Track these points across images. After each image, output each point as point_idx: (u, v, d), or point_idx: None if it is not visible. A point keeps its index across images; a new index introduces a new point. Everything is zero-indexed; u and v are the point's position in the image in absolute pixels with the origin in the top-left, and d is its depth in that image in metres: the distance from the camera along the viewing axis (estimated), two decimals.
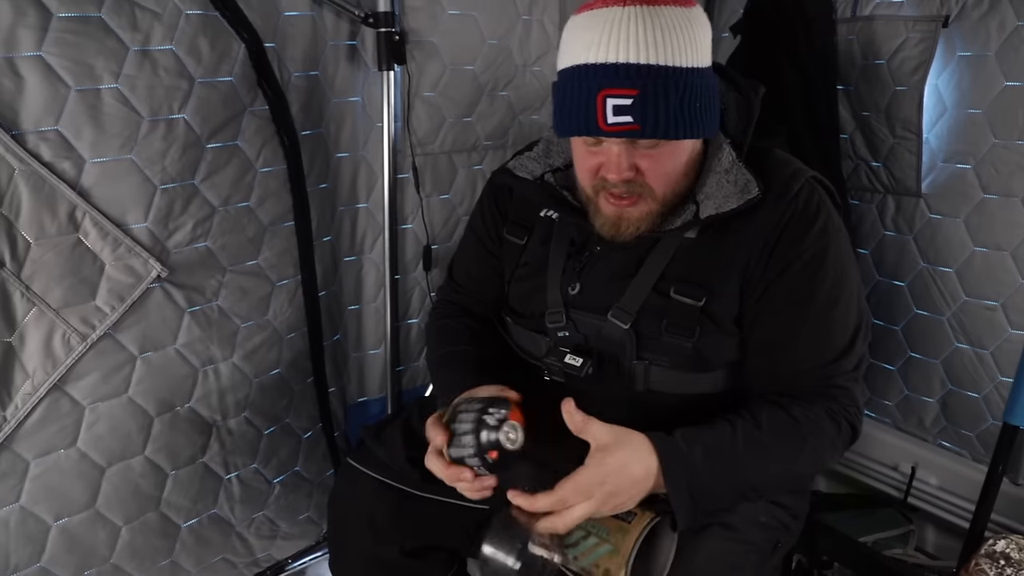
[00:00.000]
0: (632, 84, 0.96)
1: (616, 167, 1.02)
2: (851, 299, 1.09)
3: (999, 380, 1.71)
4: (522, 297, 1.26)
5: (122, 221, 1.30)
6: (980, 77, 1.61)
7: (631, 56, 0.96)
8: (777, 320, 1.08)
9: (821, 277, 1.07)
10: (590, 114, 0.98)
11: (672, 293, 1.10)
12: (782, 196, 1.07)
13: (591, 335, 1.16)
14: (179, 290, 1.40)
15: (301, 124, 1.53)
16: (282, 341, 1.60)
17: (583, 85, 0.98)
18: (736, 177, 1.07)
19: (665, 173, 1.05)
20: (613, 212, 1.08)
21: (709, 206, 1.08)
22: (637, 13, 0.97)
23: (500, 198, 1.32)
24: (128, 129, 1.27)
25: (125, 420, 1.38)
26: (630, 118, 0.97)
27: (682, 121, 0.99)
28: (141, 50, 1.25)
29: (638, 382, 1.14)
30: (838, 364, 1.07)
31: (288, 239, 1.57)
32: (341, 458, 1.80)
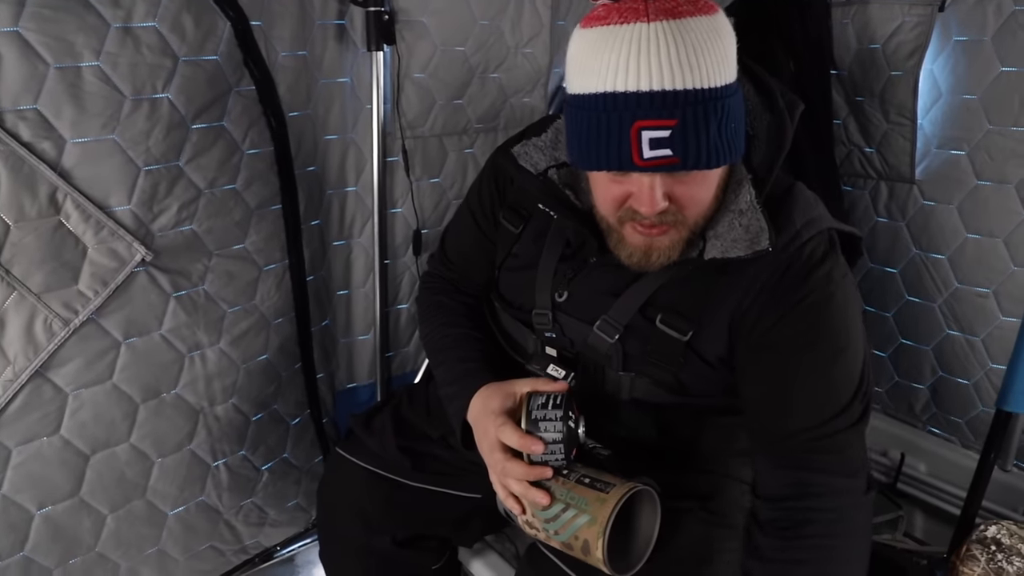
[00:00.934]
0: (670, 114, 0.86)
1: (650, 201, 0.92)
2: (857, 349, 1.02)
3: (990, 367, 1.72)
4: (511, 288, 1.24)
5: (105, 203, 1.26)
6: (976, 62, 1.60)
7: (666, 82, 0.85)
8: (775, 370, 1.03)
9: (826, 325, 1.00)
10: (623, 149, 0.87)
11: (658, 322, 1.06)
12: (789, 244, 1.00)
13: (577, 341, 1.14)
14: (164, 274, 1.37)
15: (288, 105, 1.49)
16: (269, 326, 1.58)
17: (612, 116, 0.87)
18: (750, 222, 0.98)
19: (700, 200, 0.96)
20: (642, 242, 0.99)
21: (715, 247, 0.99)
22: (665, 30, 0.85)
23: (500, 179, 1.25)
24: (110, 108, 1.23)
25: (109, 407, 1.35)
26: (669, 151, 0.87)
27: (722, 147, 0.89)
28: (123, 27, 1.21)
29: (623, 391, 1.12)
30: (838, 420, 1.00)
31: (275, 223, 1.53)
32: (330, 445, 1.78)
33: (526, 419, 1.00)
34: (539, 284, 1.16)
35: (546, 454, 0.99)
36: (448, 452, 1.28)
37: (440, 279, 1.39)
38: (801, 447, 1.02)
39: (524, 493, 1.01)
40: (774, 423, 1.04)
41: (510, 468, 1.02)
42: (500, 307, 1.27)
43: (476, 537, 1.46)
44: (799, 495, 1.01)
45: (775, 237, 0.96)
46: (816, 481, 1.00)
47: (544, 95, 1.88)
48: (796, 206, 1.02)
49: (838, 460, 1.01)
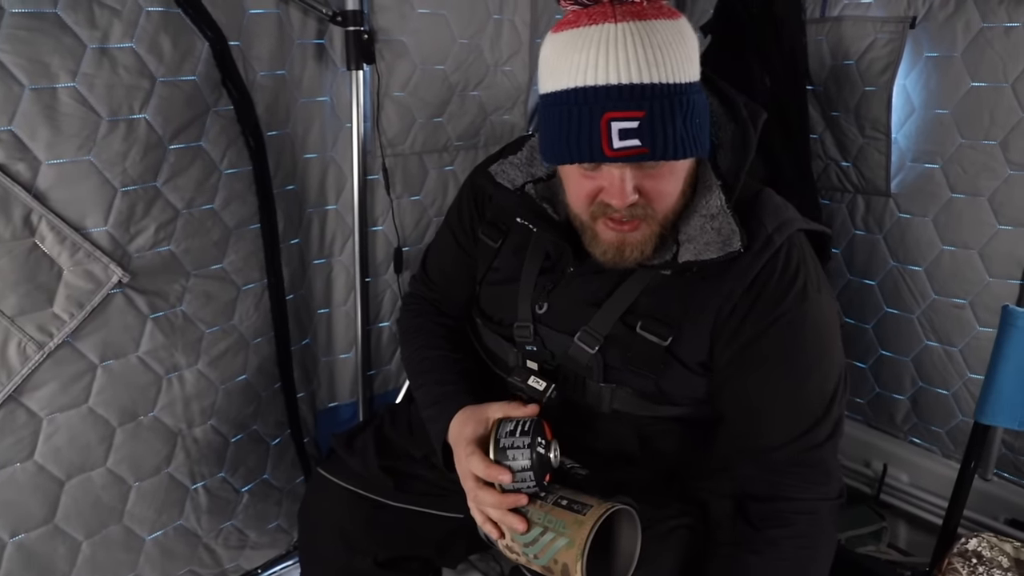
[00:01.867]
0: (638, 106, 0.90)
1: (620, 193, 0.95)
2: (831, 364, 1.05)
3: (968, 377, 1.73)
4: (492, 302, 1.24)
5: (81, 225, 1.25)
6: (947, 78, 1.63)
7: (634, 76, 0.90)
8: (750, 386, 1.05)
9: (799, 343, 1.03)
10: (594, 140, 0.91)
11: (638, 328, 1.07)
12: (763, 251, 1.02)
13: (558, 353, 1.14)
14: (141, 296, 1.36)
15: (267, 124, 1.49)
16: (248, 346, 1.57)
17: (582, 110, 0.91)
18: (721, 225, 1.01)
19: (668, 194, 1.00)
20: (615, 238, 1.01)
21: (689, 250, 1.02)
22: (632, 30, 0.91)
23: (479, 197, 1.28)
24: (86, 129, 1.22)
25: (85, 431, 1.33)
26: (637, 141, 0.91)
27: (688, 140, 0.93)
28: (100, 48, 1.21)
29: (603, 403, 1.12)
30: (812, 434, 1.03)
31: (254, 242, 1.53)
32: (311, 465, 1.76)
33: (494, 448, 0.99)
34: (520, 296, 1.16)
35: (516, 482, 0.98)
36: (431, 472, 1.27)
37: (421, 300, 1.39)
38: (778, 458, 1.04)
39: (501, 519, 1.01)
40: (751, 437, 1.07)
41: (483, 497, 1.01)
42: (482, 323, 1.27)
43: (460, 558, 1.45)
44: (782, 498, 1.03)
45: (746, 239, 1.00)
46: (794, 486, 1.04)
47: (524, 112, 1.89)
48: (765, 210, 1.05)
49: (813, 471, 1.04)
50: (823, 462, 1.05)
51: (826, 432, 1.04)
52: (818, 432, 1.04)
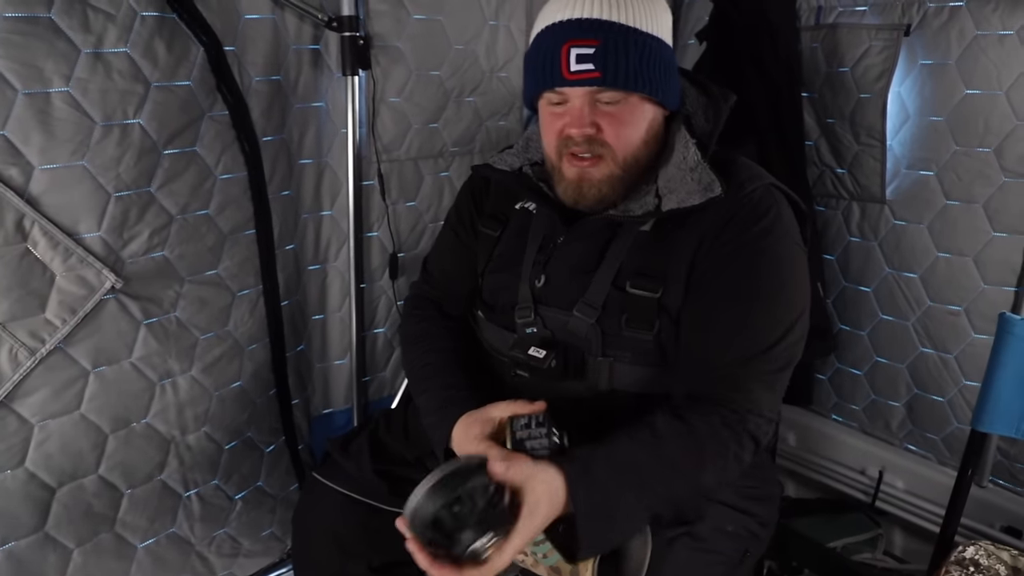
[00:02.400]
0: (595, 35, 1.02)
1: (578, 121, 1.06)
2: (785, 302, 1.07)
3: (963, 384, 1.73)
4: (494, 290, 1.26)
5: (74, 230, 1.24)
6: (941, 85, 1.64)
7: (594, 12, 1.03)
8: (700, 307, 1.08)
9: (755, 270, 1.07)
10: (555, 66, 1.04)
11: (628, 287, 1.10)
12: (737, 194, 1.09)
13: (558, 331, 1.16)
14: (135, 301, 1.35)
15: (262, 130, 1.49)
16: (243, 353, 1.56)
17: (549, 42, 1.05)
18: (701, 176, 1.09)
19: (625, 134, 1.08)
20: (575, 174, 1.10)
21: (672, 200, 1.09)
22: None
23: (477, 192, 1.34)
24: (80, 134, 1.22)
25: (77, 438, 1.32)
26: (591, 66, 1.02)
27: (642, 76, 1.04)
28: (94, 52, 1.21)
29: (602, 380, 1.13)
30: (754, 363, 1.04)
31: (249, 248, 1.52)
32: (305, 472, 1.75)
33: (511, 440, 0.99)
34: (522, 275, 1.19)
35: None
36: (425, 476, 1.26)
37: (424, 301, 1.40)
38: (713, 378, 1.05)
39: None
40: (693, 356, 1.08)
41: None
42: (483, 315, 1.27)
43: None
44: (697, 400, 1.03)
45: (725, 186, 1.07)
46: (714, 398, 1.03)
47: (519, 118, 1.90)
48: (740, 167, 1.13)
49: (740, 397, 1.03)
50: (758, 391, 1.04)
51: (767, 367, 1.05)
52: (759, 364, 1.04)
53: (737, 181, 1.10)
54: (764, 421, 1.04)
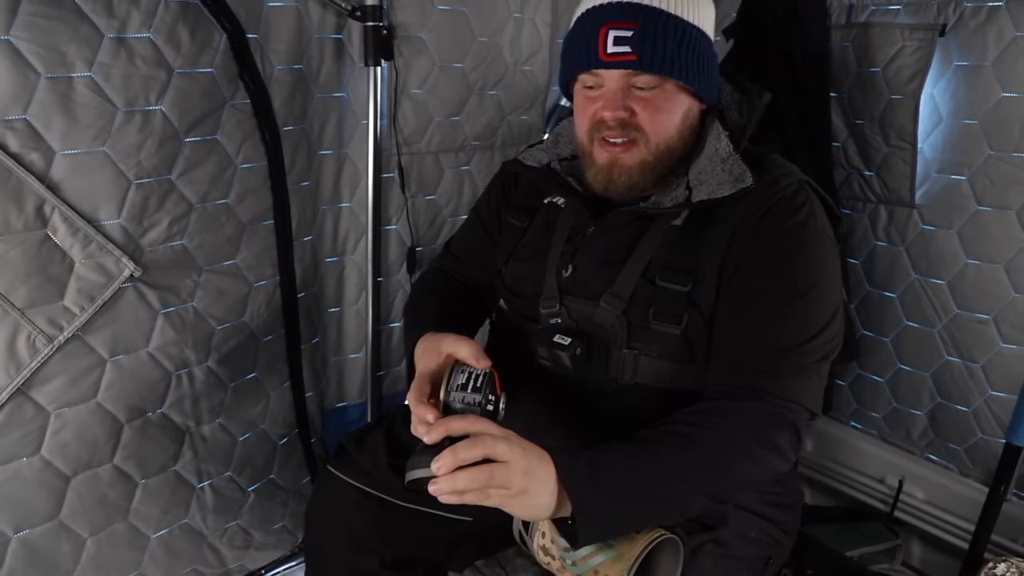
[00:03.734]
0: (633, 18, 1.03)
1: (612, 103, 1.05)
2: (821, 300, 1.04)
3: (989, 394, 1.70)
4: (519, 277, 1.25)
5: (94, 217, 1.23)
6: (977, 87, 1.59)
7: None
8: (735, 302, 1.06)
9: (791, 265, 1.04)
10: (592, 47, 1.04)
11: (658, 280, 1.09)
12: (770, 186, 1.07)
13: (583, 322, 1.15)
14: (153, 290, 1.34)
15: (283, 119, 1.47)
16: (259, 344, 1.55)
17: (587, 24, 1.06)
18: (732, 167, 1.08)
19: (659, 120, 1.07)
20: (607, 159, 1.09)
21: (702, 191, 1.08)
22: None
23: (507, 184, 1.34)
24: (102, 120, 1.20)
25: (93, 426, 1.31)
26: (628, 48, 1.02)
27: (679, 62, 1.04)
28: (117, 37, 1.19)
29: (626, 373, 1.11)
30: (790, 355, 1.02)
31: (267, 238, 1.51)
32: (318, 465, 1.74)
33: (444, 393, 0.97)
34: (548, 265, 1.19)
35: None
36: None
37: (439, 271, 1.43)
38: (747, 372, 1.02)
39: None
40: (727, 351, 1.05)
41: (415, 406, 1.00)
42: (506, 303, 1.27)
43: (467, 562, 1.42)
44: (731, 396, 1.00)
45: (757, 177, 1.06)
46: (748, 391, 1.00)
47: (542, 113, 1.87)
48: (772, 162, 1.12)
49: (775, 386, 1.00)
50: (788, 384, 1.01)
51: (807, 359, 1.02)
52: (797, 355, 1.01)
53: (770, 175, 1.09)
54: (803, 411, 1.01)
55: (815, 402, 1.03)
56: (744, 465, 0.98)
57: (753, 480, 1.01)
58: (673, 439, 0.96)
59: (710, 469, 0.96)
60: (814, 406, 1.03)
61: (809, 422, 1.03)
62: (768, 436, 0.98)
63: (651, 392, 1.11)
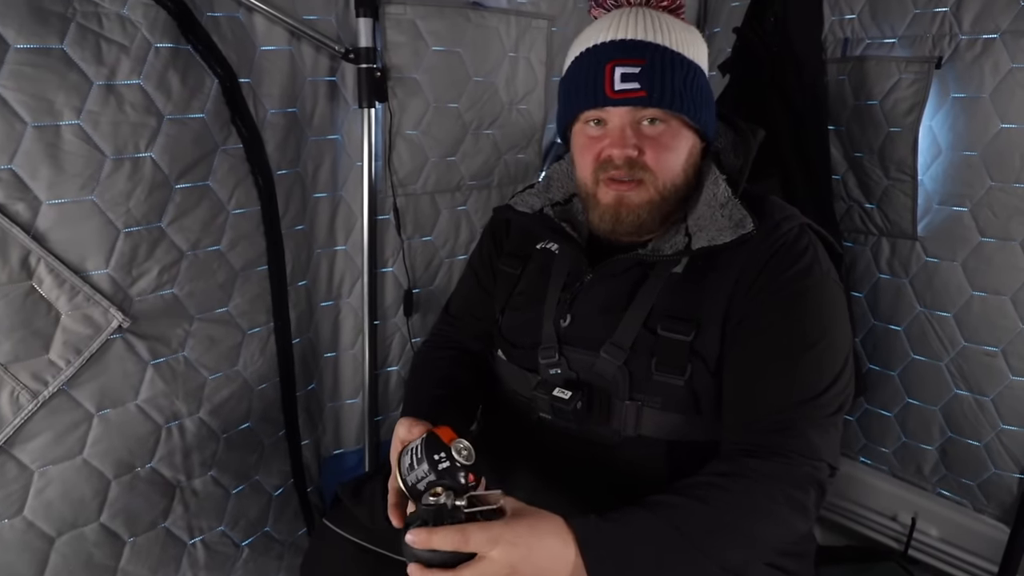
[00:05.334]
0: (640, 55, 1.01)
1: (620, 141, 1.03)
2: (831, 349, 1.01)
3: (1001, 428, 1.66)
4: (516, 327, 1.22)
5: (81, 267, 1.20)
6: (975, 119, 1.58)
7: (639, 34, 1.03)
8: (745, 356, 1.02)
9: (798, 315, 1.02)
10: (598, 85, 1.02)
11: (660, 330, 1.05)
12: (772, 232, 1.05)
13: (583, 372, 1.11)
14: (142, 341, 1.30)
15: (277, 163, 1.45)
16: (252, 393, 1.50)
17: (591, 61, 1.04)
18: (731, 212, 1.05)
19: (666, 158, 1.05)
20: (613, 199, 1.06)
21: (702, 238, 1.05)
22: (642, 11, 1.06)
23: (497, 232, 1.32)
24: (90, 168, 1.18)
25: (79, 484, 1.27)
26: (637, 84, 1.00)
27: (687, 98, 1.03)
28: (106, 84, 1.18)
29: (629, 425, 1.08)
30: (804, 409, 0.98)
31: (261, 284, 1.48)
32: (315, 515, 1.69)
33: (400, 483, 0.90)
34: (545, 315, 1.15)
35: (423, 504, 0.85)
36: None
37: (443, 337, 1.38)
38: (764, 429, 0.98)
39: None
40: (741, 408, 1.01)
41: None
42: (504, 354, 1.23)
43: None
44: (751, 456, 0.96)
45: (757, 222, 1.03)
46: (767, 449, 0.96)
47: (539, 151, 1.86)
48: (773, 206, 1.10)
49: (796, 443, 0.96)
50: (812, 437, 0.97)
51: (823, 411, 0.99)
52: (813, 408, 0.98)
53: (771, 220, 1.06)
54: (824, 466, 0.97)
55: (836, 456, 1.00)
56: (769, 528, 0.94)
57: (777, 543, 0.98)
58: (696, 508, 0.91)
59: (735, 539, 0.92)
60: (835, 461, 1.00)
61: (830, 478, 0.99)
62: (794, 496, 0.94)
63: (656, 444, 1.07)
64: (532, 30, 1.74)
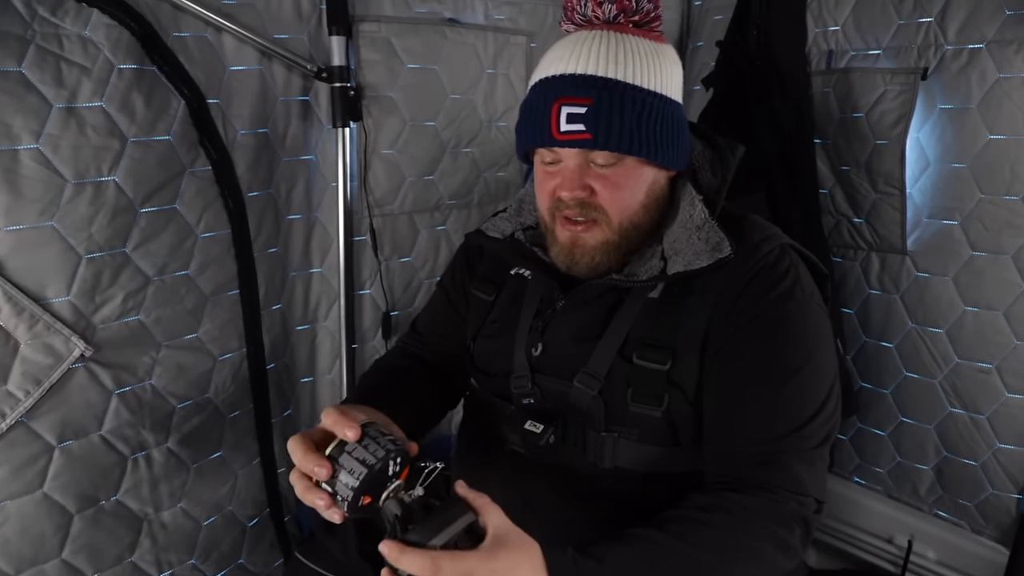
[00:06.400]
0: (587, 93, 0.95)
1: (570, 183, 0.98)
2: (815, 375, 0.97)
3: (997, 447, 1.62)
4: (488, 355, 1.17)
5: (40, 295, 1.17)
6: (963, 130, 1.55)
7: (588, 68, 0.96)
8: (725, 385, 0.98)
9: (779, 341, 0.97)
10: (544, 124, 0.97)
11: (635, 359, 1.01)
12: (751, 255, 1.00)
13: (557, 403, 1.06)
14: (106, 370, 1.26)
15: (248, 185, 1.42)
16: (225, 420, 1.46)
17: (541, 97, 0.99)
18: (708, 235, 1.01)
19: (620, 198, 1.00)
20: (568, 238, 1.02)
21: (678, 262, 1.01)
22: (603, 36, 0.99)
23: (471, 254, 1.27)
24: (49, 193, 1.15)
25: (39, 520, 1.22)
26: (582, 126, 0.95)
27: (639, 137, 0.96)
28: (66, 107, 1.15)
29: (606, 457, 1.03)
30: (789, 441, 0.94)
31: (232, 309, 1.44)
32: (292, 546, 1.64)
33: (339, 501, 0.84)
34: (517, 341, 1.11)
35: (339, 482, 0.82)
36: None
37: (405, 348, 1.33)
38: (746, 461, 0.94)
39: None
40: (722, 439, 0.97)
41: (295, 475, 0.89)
42: (477, 382, 1.19)
43: None
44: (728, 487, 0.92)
45: (735, 245, 0.99)
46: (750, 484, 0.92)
47: (519, 169, 1.83)
48: (752, 226, 1.05)
49: (781, 477, 0.92)
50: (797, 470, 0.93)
51: (808, 443, 0.94)
52: (797, 439, 0.94)
53: (750, 242, 1.02)
54: (811, 501, 0.93)
55: (822, 490, 0.95)
56: (751, 569, 0.89)
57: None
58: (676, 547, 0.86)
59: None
60: (822, 495, 0.95)
61: (816, 515, 0.94)
62: (779, 534, 0.90)
63: (633, 476, 1.03)
64: (511, 46, 1.72)
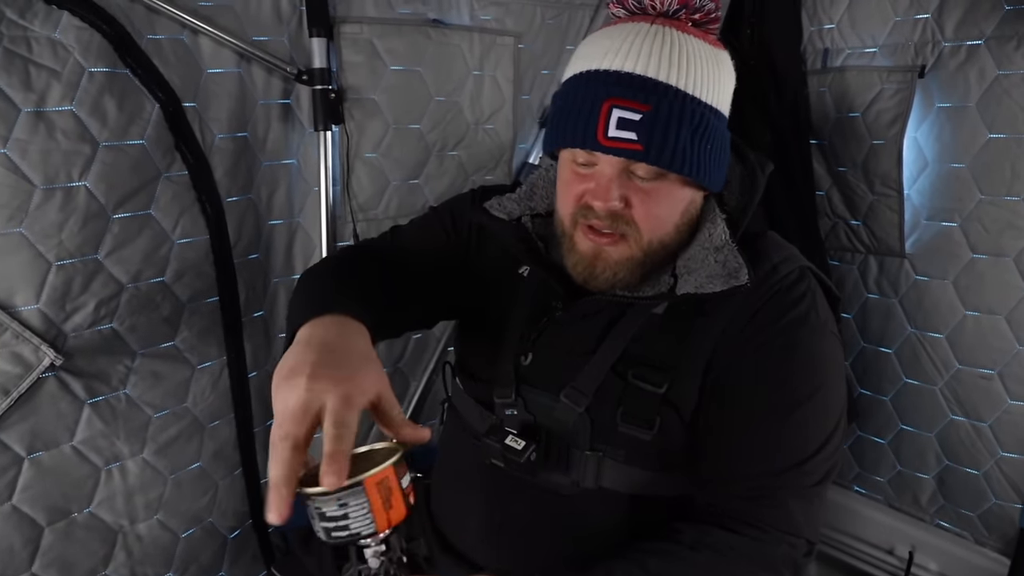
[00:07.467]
0: (645, 99, 0.85)
1: (604, 193, 0.89)
2: (822, 408, 0.91)
3: (1000, 456, 1.57)
4: (475, 356, 1.12)
5: (8, 303, 1.14)
6: (962, 129, 1.51)
7: (648, 69, 0.86)
8: (726, 411, 0.92)
9: (789, 368, 0.91)
10: (590, 125, 0.86)
11: (630, 377, 0.94)
12: (768, 276, 0.93)
13: (541, 416, 1.01)
14: (77, 379, 1.23)
15: (227, 190, 1.39)
16: (204, 431, 1.43)
17: (587, 92, 0.88)
18: (727, 258, 0.92)
19: (656, 215, 0.91)
20: (590, 250, 0.93)
21: (689, 282, 0.93)
22: (662, 31, 0.88)
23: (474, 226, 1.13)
24: (17, 199, 1.12)
25: (7, 533, 1.19)
26: (634, 135, 0.85)
27: (691, 157, 0.87)
28: (35, 111, 1.12)
29: (589, 477, 0.98)
30: (788, 476, 0.89)
31: (211, 316, 1.41)
32: (277, 557, 1.61)
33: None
34: (506, 347, 1.04)
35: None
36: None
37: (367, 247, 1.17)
38: (739, 494, 0.89)
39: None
40: (717, 468, 0.92)
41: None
42: (462, 384, 1.14)
43: None
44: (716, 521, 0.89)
45: (753, 273, 0.90)
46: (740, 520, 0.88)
47: (508, 172, 1.79)
48: (771, 246, 0.98)
49: (775, 515, 0.88)
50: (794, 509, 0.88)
51: (809, 479, 0.89)
52: (797, 475, 0.89)
53: (768, 262, 0.95)
54: (803, 543, 0.88)
55: (816, 532, 0.90)
56: None
57: None
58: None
59: None
60: (815, 536, 0.90)
61: (807, 557, 0.89)
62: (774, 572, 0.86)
63: (618, 498, 0.98)
64: (497, 47, 1.68)
